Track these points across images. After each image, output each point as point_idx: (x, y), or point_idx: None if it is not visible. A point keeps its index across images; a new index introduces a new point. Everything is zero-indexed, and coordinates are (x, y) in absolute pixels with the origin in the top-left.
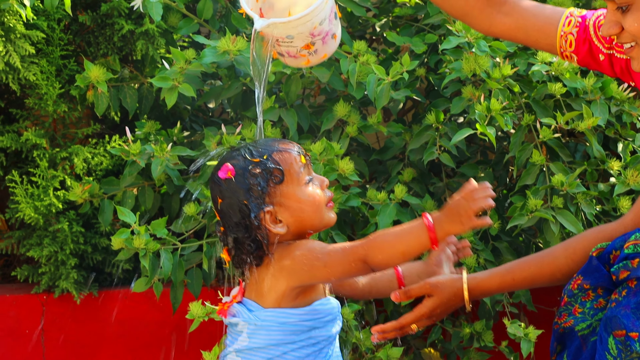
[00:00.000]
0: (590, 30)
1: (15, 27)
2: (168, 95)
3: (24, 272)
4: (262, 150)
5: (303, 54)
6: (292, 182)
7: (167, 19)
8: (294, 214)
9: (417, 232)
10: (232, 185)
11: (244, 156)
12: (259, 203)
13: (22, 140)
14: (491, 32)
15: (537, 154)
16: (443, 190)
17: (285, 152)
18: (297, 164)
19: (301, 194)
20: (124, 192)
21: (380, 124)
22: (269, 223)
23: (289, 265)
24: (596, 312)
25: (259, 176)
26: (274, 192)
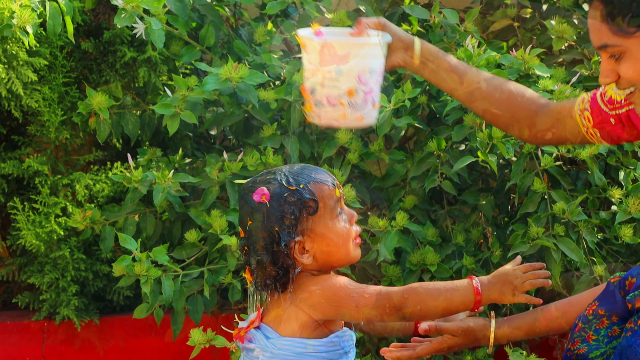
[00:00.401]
0: (598, 100)
1: (18, 54)
2: (170, 122)
3: (25, 299)
4: (299, 178)
5: (343, 102)
6: (324, 215)
7: (170, 46)
8: (322, 246)
9: (463, 292)
10: (265, 210)
11: (280, 182)
12: (289, 232)
13: (24, 167)
14: (537, 138)
15: (539, 181)
16: (444, 218)
17: (322, 183)
18: (332, 197)
19: (332, 227)
20: (125, 218)
21: (382, 151)
22: (296, 252)
23: (315, 298)
24: (610, 340)
25: (294, 205)
26: (306, 223)
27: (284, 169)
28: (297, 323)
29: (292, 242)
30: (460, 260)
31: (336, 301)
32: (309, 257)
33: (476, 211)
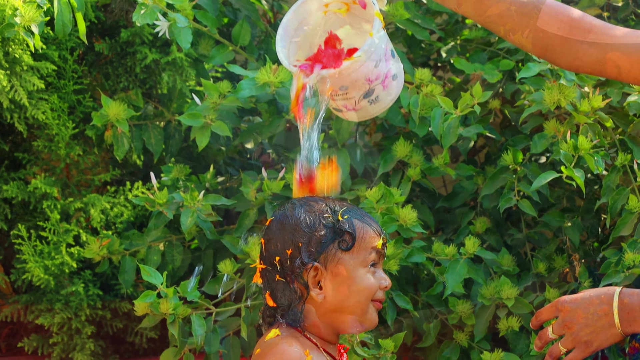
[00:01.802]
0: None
1: (22, 58)
2: (199, 134)
3: (33, 343)
4: (347, 211)
5: (363, 105)
6: (356, 257)
7: (198, 46)
8: (338, 289)
9: None
10: (296, 222)
11: (326, 203)
12: (311, 254)
13: (29, 189)
14: (575, 66)
15: (635, 199)
16: (523, 243)
17: (368, 226)
18: (372, 243)
19: (358, 274)
20: (148, 247)
21: (447, 165)
22: (310, 280)
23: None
24: None
25: (329, 229)
26: (333, 255)
27: (335, 200)
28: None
29: (310, 265)
30: (542, 293)
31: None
32: (320, 294)
33: (560, 235)
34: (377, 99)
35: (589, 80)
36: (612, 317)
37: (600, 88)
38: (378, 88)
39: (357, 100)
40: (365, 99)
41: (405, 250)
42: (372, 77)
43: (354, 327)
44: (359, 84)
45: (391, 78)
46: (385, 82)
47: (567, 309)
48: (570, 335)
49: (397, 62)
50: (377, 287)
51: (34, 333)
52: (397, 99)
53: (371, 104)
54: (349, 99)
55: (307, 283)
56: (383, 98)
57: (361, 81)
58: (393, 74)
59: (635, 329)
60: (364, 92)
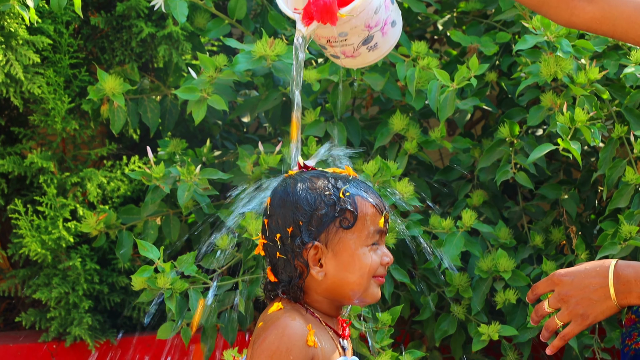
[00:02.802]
0: None
1: (17, 32)
2: (195, 108)
3: (30, 318)
4: (350, 187)
5: (361, 52)
6: (357, 236)
7: (194, 19)
8: (338, 267)
9: None
10: (298, 200)
11: (327, 180)
12: (312, 232)
13: (26, 164)
14: (572, 22)
15: (631, 171)
16: (520, 216)
17: (371, 203)
18: (374, 221)
19: (360, 252)
20: (145, 222)
21: (444, 138)
22: (310, 259)
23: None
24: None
25: (330, 207)
26: (334, 233)
27: (340, 174)
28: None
29: (310, 244)
30: (539, 266)
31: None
32: (321, 272)
33: (557, 207)
34: (376, 45)
35: (585, 52)
36: (607, 290)
37: (596, 60)
38: (377, 35)
39: (356, 47)
40: (364, 45)
41: (402, 223)
42: (371, 24)
43: (355, 302)
44: (358, 30)
45: (390, 25)
46: (384, 29)
47: (563, 283)
48: (567, 309)
49: (397, 9)
50: (378, 264)
51: (32, 308)
52: (394, 71)
53: (370, 50)
54: (348, 45)
55: (307, 261)
56: (382, 45)
57: (361, 27)
58: (392, 20)
59: (631, 301)
60: (363, 38)
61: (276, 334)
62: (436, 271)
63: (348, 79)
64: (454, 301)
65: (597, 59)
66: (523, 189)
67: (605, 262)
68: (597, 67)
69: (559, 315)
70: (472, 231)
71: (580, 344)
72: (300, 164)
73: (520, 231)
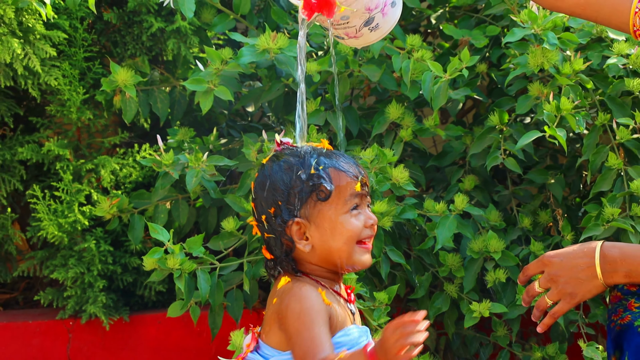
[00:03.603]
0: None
1: (35, 27)
2: (203, 99)
3: (48, 296)
4: (322, 160)
5: (363, 32)
6: (335, 205)
7: (201, 15)
8: (323, 237)
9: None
10: (274, 182)
11: (301, 156)
12: (291, 210)
13: (43, 152)
14: (557, 7)
15: (614, 157)
16: (509, 199)
17: (343, 172)
18: (349, 188)
19: (339, 220)
20: (155, 206)
21: (437, 126)
22: (294, 234)
23: (283, 311)
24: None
25: (304, 184)
26: (313, 207)
27: (314, 149)
28: (281, 335)
29: (291, 222)
30: (527, 246)
31: (284, 322)
32: (307, 244)
33: (544, 191)
34: (377, 26)
35: (570, 44)
36: (594, 270)
37: (581, 52)
38: (378, 16)
39: (358, 29)
40: (366, 26)
41: (398, 207)
42: (371, 7)
43: (345, 268)
44: (359, 13)
45: (390, 5)
46: (384, 10)
47: (552, 264)
48: (556, 288)
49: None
50: (361, 227)
51: (49, 287)
52: (390, 63)
53: (371, 31)
54: (350, 27)
55: (291, 238)
56: (382, 25)
57: (361, 11)
58: (392, 1)
59: (616, 279)
60: (365, 20)
61: (295, 299)
62: (430, 252)
63: (346, 71)
64: (447, 280)
65: (581, 50)
66: (512, 173)
67: (591, 243)
68: (581, 58)
69: (549, 294)
70: (464, 214)
71: (566, 320)
72: (277, 141)
73: (509, 214)
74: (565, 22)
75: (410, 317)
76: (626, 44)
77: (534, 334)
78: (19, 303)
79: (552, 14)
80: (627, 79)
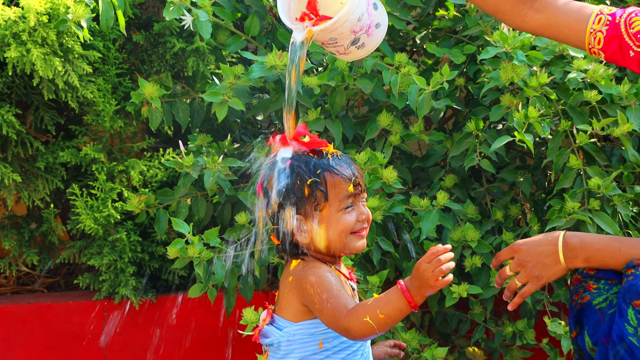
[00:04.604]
0: (621, 28)
1: (73, 47)
2: (219, 109)
3: (86, 280)
4: (320, 165)
5: (351, 50)
6: (331, 205)
7: (217, 36)
8: (319, 230)
9: (395, 299)
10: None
11: (302, 163)
12: (292, 208)
13: (81, 155)
14: (522, 27)
15: (574, 158)
16: (484, 195)
17: (338, 175)
18: (343, 190)
19: (334, 217)
20: (178, 202)
21: (422, 132)
22: (295, 228)
23: (298, 284)
24: (611, 287)
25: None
26: (310, 206)
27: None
28: (296, 307)
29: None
30: (500, 236)
31: (307, 295)
32: (306, 237)
33: (514, 188)
34: (363, 45)
35: (536, 61)
36: (557, 256)
37: (545, 67)
38: (363, 36)
39: (346, 47)
40: (353, 45)
41: (388, 203)
42: (356, 29)
43: (342, 253)
44: (345, 35)
45: (374, 27)
46: (369, 31)
47: (521, 251)
48: (524, 272)
49: (381, 12)
50: (353, 223)
51: (87, 272)
52: (381, 77)
53: (359, 49)
54: (339, 46)
55: (292, 231)
56: (368, 44)
57: (347, 33)
58: (376, 23)
59: (577, 264)
60: (351, 41)
61: (311, 273)
62: (416, 241)
63: (343, 84)
64: None
65: (546, 66)
66: (486, 173)
67: (555, 233)
68: (546, 73)
69: (518, 277)
70: (445, 208)
71: (533, 299)
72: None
73: (484, 208)
74: (531, 42)
75: (438, 248)
76: (584, 61)
77: (506, 311)
78: (61, 286)
79: (520, 34)
80: (585, 91)
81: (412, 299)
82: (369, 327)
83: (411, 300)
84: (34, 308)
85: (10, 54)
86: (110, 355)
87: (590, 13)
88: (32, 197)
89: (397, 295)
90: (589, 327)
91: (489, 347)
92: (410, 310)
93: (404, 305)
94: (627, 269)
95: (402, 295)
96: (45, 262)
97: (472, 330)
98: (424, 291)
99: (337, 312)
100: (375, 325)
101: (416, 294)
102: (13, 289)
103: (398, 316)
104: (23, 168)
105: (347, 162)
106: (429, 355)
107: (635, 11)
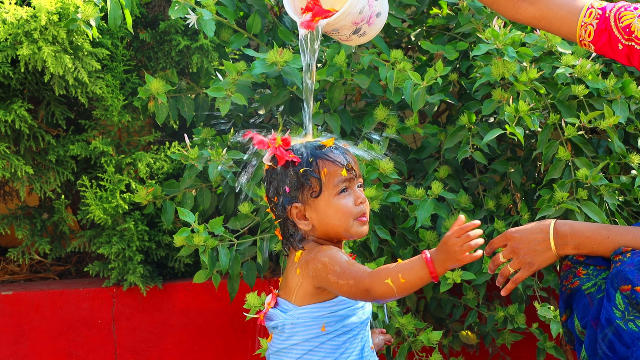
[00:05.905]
0: (610, 22)
1: (83, 45)
2: (222, 104)
3: (96, 268)
4: (314, 153)
5: (352, 38)
6: (326, 189)
7: (220, 34)
8: (319, 217)
9: (417, 267)
10: (275, 175)
11: (300, 153)
12: (290, 198)
13: (90, 148)
14: (516, 18)
15: (563, 150)
16: (476, 186)
17: (331, 162)
18: (336, 175)
19: (332, 203)
20: (183, 193)
21: (416, 125)
22: (294, 217)
23: (309, 265)
24: (599, 272)
25: (297, 176)
26: (307, 194)
27: (311, 144)
28: (306, 290)
29: (290, 207)
30: (492, 225)
31: (324, 271)
32: (307, 224)
33: (505, 179)
34: (364, 33)
35: (526, 57)
36: (548, 243)
37: (535, 62)
38: (364, 26)
39: (348, 37)
40: (355, 34)
41: (385, 193)
42: (357, 21)
43: (345, 238)
44: (347, 26)
45: (375, 16)
46: (370, 21)
47: (514, 238)
48: (517, 258)
49: (382, 2)
50: (352, 206)
51: (96, 260)
52: (377, 73)
53: (360, 37)
54: (341, 35)
55: (293, 220)
56: (369, 32)
57: (348, 25)
58: (377, 12)
59: (567, 251)
60: (352, 30)
61: (321, 254)
62: (411, 230)
63: (341, 79)
64: None
65: (535, 62)
66: (479, 164)
67: (546, 221)
68: (535, 68)
69: (511, 264)
70: (439, 198)
71: (524, 285)
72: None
73: (477, 197)
74: (522, 39)
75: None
76: (572, 57)
77: (498, 296)
78: (72, 274)
79: (511, 31)
80: (573, 85)
81: (435, 270)
82: (389, 289)
83: (433, 271)
84: (46, 295)
85: (22, 51)
86: (120, 339)
87: (581, 6)
88: (43, 189)
89: (420, 264)
90: (578, 311)
91: (482, 331)
92: (431, 280)
93: (425, 275)
94: (615, 255)
95: (426, 265)
96: (56, 251)
97: (466, 314)
98: (449, 264)
99: (358, 275)
100: (395, 288)
101: (439, 266)
102: (26, 277)
103: (418, 284)
104: (35, 161)
105: (340, 150)
106: (424, 338)
107: (625, 5)
